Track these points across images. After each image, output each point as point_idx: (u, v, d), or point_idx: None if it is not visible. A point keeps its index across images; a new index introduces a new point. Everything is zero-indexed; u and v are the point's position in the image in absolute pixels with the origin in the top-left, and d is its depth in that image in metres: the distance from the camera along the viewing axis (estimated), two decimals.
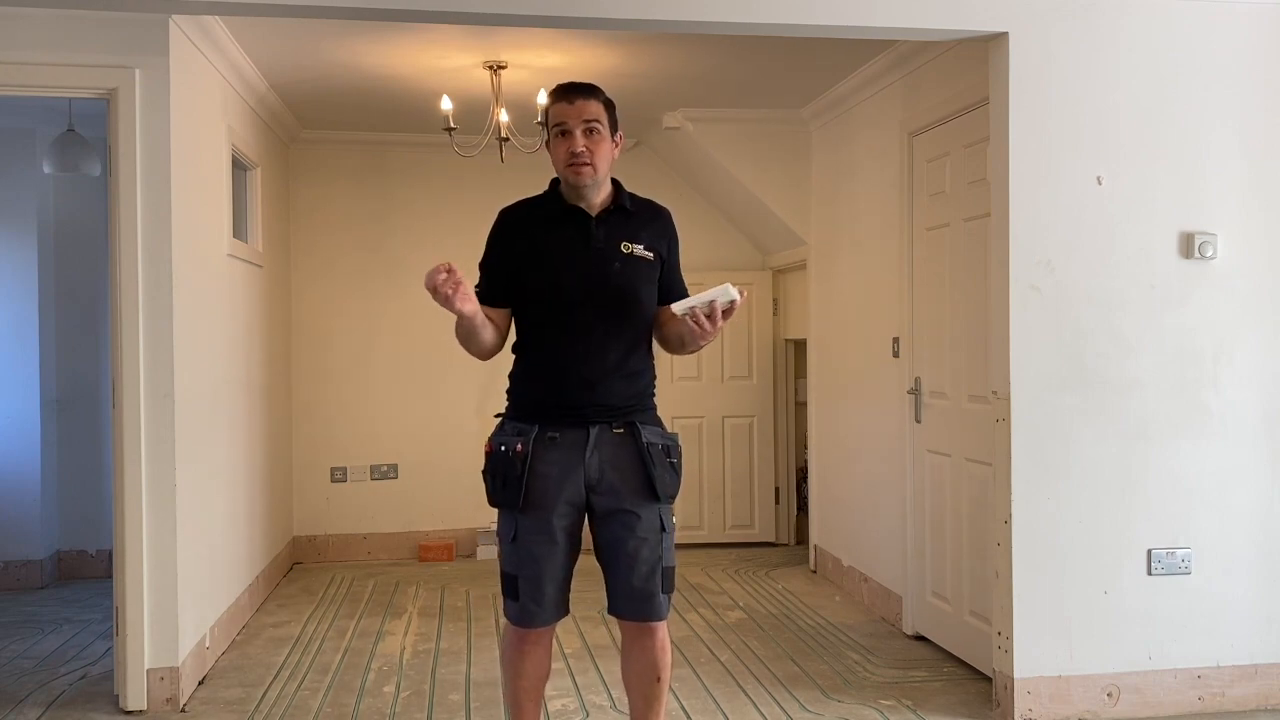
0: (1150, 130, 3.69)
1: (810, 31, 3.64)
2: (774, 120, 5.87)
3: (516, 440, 2.68)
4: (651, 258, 2.75)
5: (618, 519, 2.70)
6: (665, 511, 2.74)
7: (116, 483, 3.78)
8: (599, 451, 2.68)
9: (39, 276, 5.82)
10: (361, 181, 6.52)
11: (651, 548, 2.70)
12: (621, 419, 2.71)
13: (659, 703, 2.81)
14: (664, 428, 2.80)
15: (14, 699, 3.95)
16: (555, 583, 2.72)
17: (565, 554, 2.72)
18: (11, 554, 5.77)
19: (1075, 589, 3.66)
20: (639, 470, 2.69)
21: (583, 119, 2.65)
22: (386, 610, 5.25)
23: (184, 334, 3.93)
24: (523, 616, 2.73)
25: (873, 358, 5.12)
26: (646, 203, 2.85)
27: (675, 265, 2.85)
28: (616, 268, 2.70)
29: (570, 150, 2.65)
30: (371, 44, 4.58)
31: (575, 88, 2.70)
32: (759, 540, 6.72)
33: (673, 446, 2.76)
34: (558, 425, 2.68)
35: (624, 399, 2.72)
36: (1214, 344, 3.73)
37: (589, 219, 2.73)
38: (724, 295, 2.54)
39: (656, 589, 2.71)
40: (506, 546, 2.74)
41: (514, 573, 2.71)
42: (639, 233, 2.75)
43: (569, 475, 2.67)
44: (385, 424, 6.52)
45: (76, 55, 3.73)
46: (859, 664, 4.33)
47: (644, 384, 2.78)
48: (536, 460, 2.66)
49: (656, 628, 2.75)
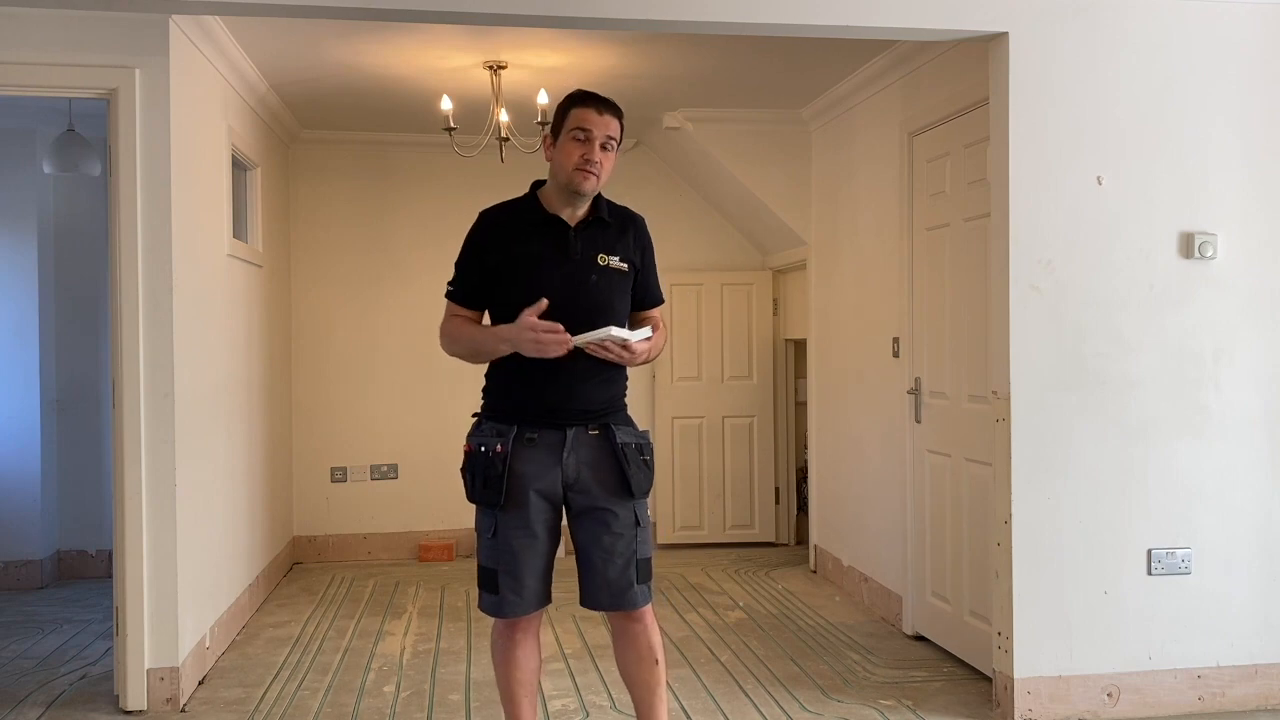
0: (1150, 130, 3.69)
1: (810, 31, 3.64)
2: (774, 120, 5.87)
3: (496, 441, 2.75)
4: (626, 269, 2.84)
5: (594, 516, 2.78)
6: (640, 507, 2.83)
7: (116, 483, 3.78)
8: (576, 452, 2.77)
9: (39, 276, 5.82)
10: (361, 181, 6.52)
11: (627, 542, 2.79)
12: (597, 421, 2.80)
13: (660, 689, 2.85)
14: (636, 427, 2.88)
15: (14, 699, 3.95)
16: (535, 574, 2.79)
17: (545, 547, 2.80)
18: (11, 554, 5.77)
19: (1075, 589, 3.66)
20: (614, 469, 2.78)
21: (605, 133, 2.75)
22: (386, 610, 5.26)
23: (184, 334, 3.93)
24: (501, 607, 2.79)
25: (873, 358, 5.12)
26: (621, 211, 2.92)
27: (650, 272, 2.93)
28: (593, 279, 2.78)
29: (586, 157, 2.72)
30: (371, 44, 4.58)
31: (605, 101, 2.79)
32: (759, 540, 6.72)
33: (645, 445, 2.84)
34: (535, 427, 2.76)
35: (599, 403, 2.80)
36: (1214, 344, 3.73)
37: (568, 229, 2.79)
38: (609, 334, 2.67)
39: (632, 580, 2.80)
40: (486, 541, 2.80)
41: (493, 567, 2.78)
42: (614, 244, 2.83)
43: (547, 474, 2.75)
44: (385, 424, 6.52)
45: (76, 55, 3.73)
46: (859, 664, 4.33)
47: (618, 388, 2.86)
48: (515, 460, 2.75)
49: (643, 613, 2.83)
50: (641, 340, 2.74)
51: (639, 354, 2.75)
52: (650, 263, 2.93)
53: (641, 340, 2.74)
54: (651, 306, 2.94)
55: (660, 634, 2.89)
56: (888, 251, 4.92)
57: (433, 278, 6.52)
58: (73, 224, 5.98)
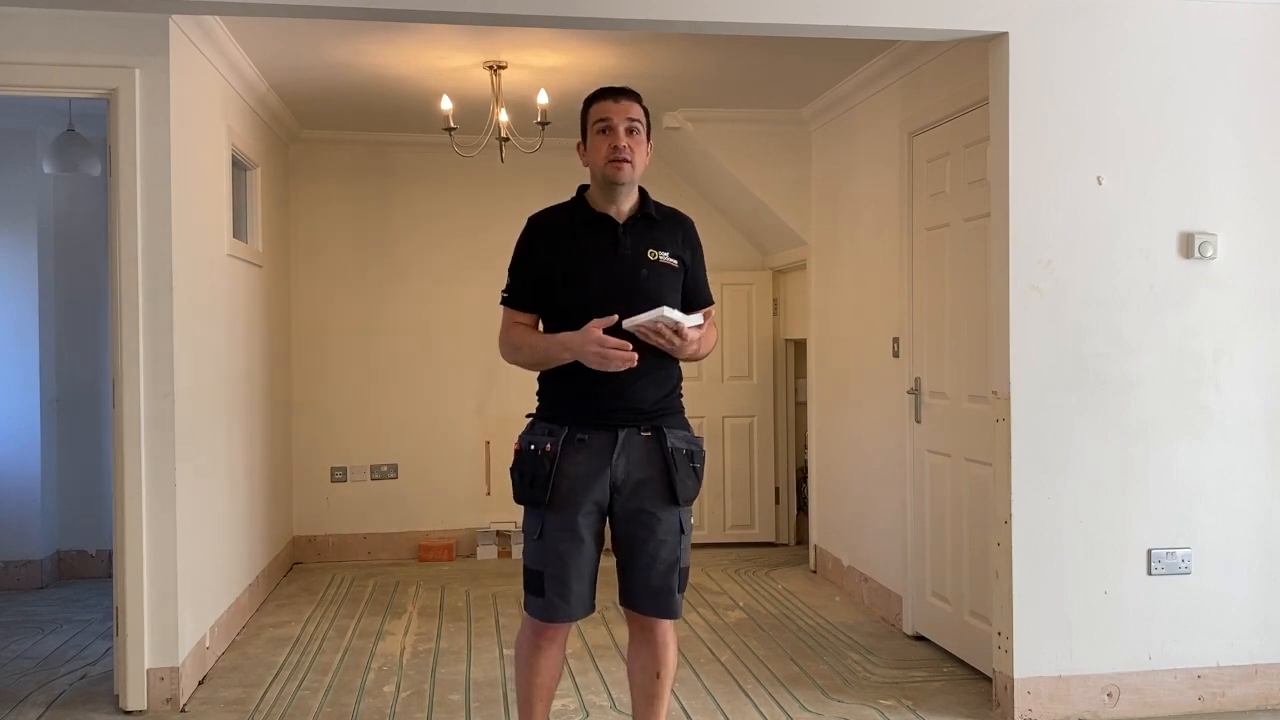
0: (1150, 130, 3.69)
1: (810, 31, 3.64)
2: (774, 120, 5.87)
3: (546, 440, 2.72)
4: (676, 265, 2.81)
5: (639, 520, 2.75)
6: (685, 514, 2.79)
7: (116, 483, 3.78)
8: (626, 454, 2.73)
9: (39, 276, 5.82)
10: (361, 181, 6.52)
11: (670, 549, 2.76)
12: (649, 422, 2.76)
13: (660, 701, 2.84)
14: (691, 431, 2.84)
15: (14, 699, 3.95)
16: (582, 579, 2.75)
17: (591, 551, 2.77)
18: (11, 554, 5.77)
19: (1075, 589, 3.66)
20: (662, 474, 2.74)
21: (627, 117, 2.74)
22: (386, 610, 5.26)
23: (184, 334, 3.93)
24: (548, 611, 2.75)
25: (873, 358, 5.12)
26: (670, 211, 2.90)
27: (700, 272, 2.90)
28: (644, 274, 2.75)
29: (613, 145, 2.71)
30: (371, 44, 4.58)
31: (619, 89, 2.79)
32: (759, 540, 6.73)
33: (696, 451, 2.81)
34: (587, 428, 2.72)
35: (652, 403, 2.76)
36: (1214, 344, 3.73)
37: (617, 226, 2.77)
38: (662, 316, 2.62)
39: (674, 588, 2.78)
40: (532, 543, 2.77)
41: (539, 569, 2.75)
42: (664, 240, 2.80)
43: (596, 476, 2.72)
44: (385, 424, 6.52)
45: (76, 55, 3.73)
46: (859, 664, 4.33)
47: (671, 386, 2.82)
48: (565, 460, 2.71)
49: (667, 626, 2.82)
50: (694, 327, 2.67)
51: (690, 341, 2.68)
52: (700, 263, 2.90)
53: (694, 327, 2.67)
54: (703, 306, 2.89)
55: (675, 654, 2.87)
56: (888, 251, 4.92)
57: (433, 278, 6.55)
58: (73, 224, 5.98)
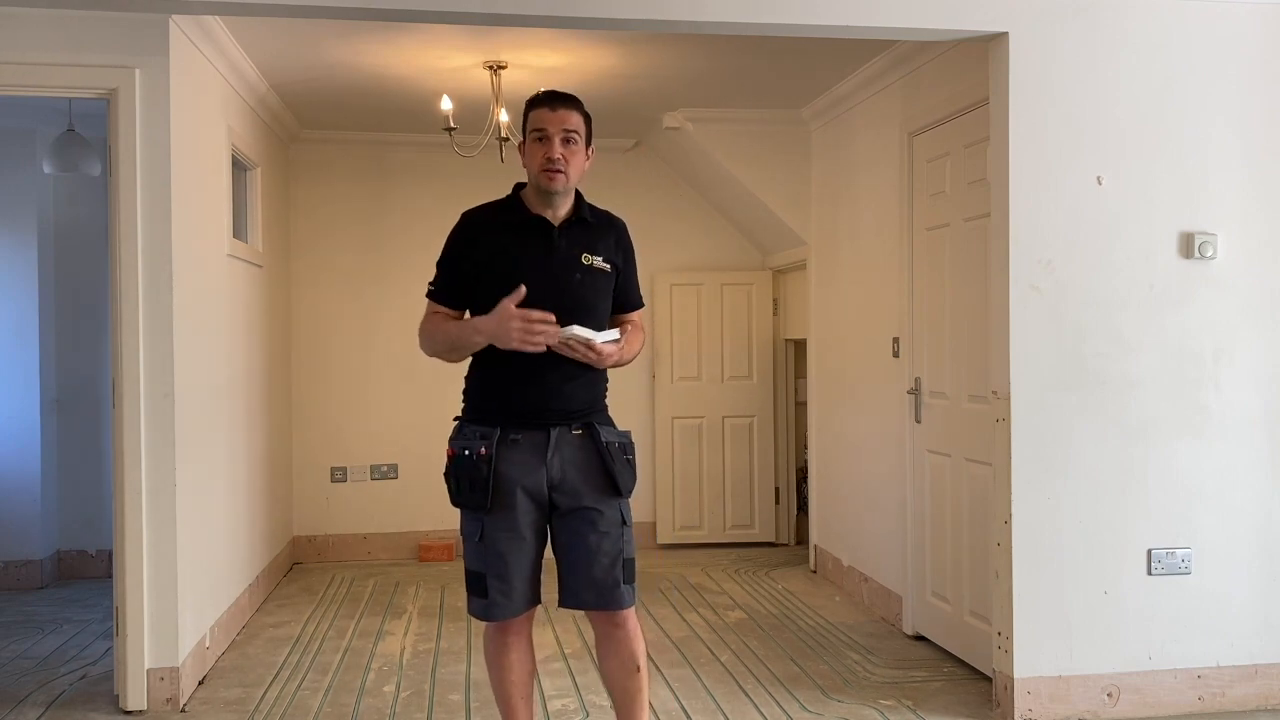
0: (1150, 130, 3.69)
1: (810, 31, 3.64)
2: (774, 120, 5.87)
3: (480, 444, 2.74)
4: (609, 269, 2.83)
5: (580, 515, 2.76)
6: (625, 506, 2.82)
7: (116, 483, 3.78)
8: (560, 452, 2.76)
9: (39, 276, 5.82)
10: (361, 181, 6.52)
11: (613, 541, 2.78)
12: (580, 421, 2.79)
13: (641, 695, 2.84)
14: (616, 427, 2.88)
15: (14, 699, 3.95)
16: (523, 577, 2.78)
17: (533, 549, 2.79)
18: (11, 554, 5.77)
19: (1075, 589, 3.66)
20: (599, 469, 2.77)
21: (563, 128, 2.74)
22: (386, 610, 5.26)
23: (184, 334, 3.93)
24: (491, 610, 2.78)
25: (873, 358, 5.12)
26: (604, 214, 2.91)
27: (631, 275, 2.93)
28: (577, 278, 2.77)
29: (547, 156, 2.72)
30: (371, 44, 4.58)
31: (558, 96, 2.78)
32: (759, 540, 6.72)
33: (628, 444, 2.84)
34: (519, 428, 2.74)
35: (583, 403, 2.79)
36: (1214, 344, 3.73)
37: (552, 229, 2.79)
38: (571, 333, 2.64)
39: (619, 579, 2.78)
40: (473, 545, 2.79)
41: (481, 570, 2.77)
42: (597, 244, 2.82)
43: (532, 475, 2.74)
44: (385, 424, 6.52)
45: (76, 55, 3.73)
46: (859, 664, 4.33)
47: (601, 389, 2.86)
48: (500, 462, 2.73)
49: (627, 616, 2.81)
50: (608, 342, 2.70)
51: (606, 355, 2.70)
52: (631, 266, 2.92)
53: (608, 342, 2.70)
54: (632, 310, 2.93)
55: (644, 643, 2.87)
56: (888, 251, 4.92)
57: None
58: (73, 224, 5.98)
